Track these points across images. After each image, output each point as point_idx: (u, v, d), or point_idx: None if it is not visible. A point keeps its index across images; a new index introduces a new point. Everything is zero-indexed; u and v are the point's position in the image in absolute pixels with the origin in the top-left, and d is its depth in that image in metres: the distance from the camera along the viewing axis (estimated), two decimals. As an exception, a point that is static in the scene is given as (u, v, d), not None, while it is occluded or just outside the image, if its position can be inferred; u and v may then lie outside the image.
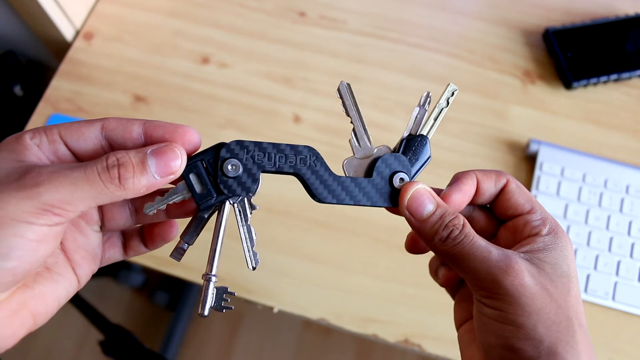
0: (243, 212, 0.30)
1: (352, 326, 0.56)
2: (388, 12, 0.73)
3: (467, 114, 0.66)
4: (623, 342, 0.56)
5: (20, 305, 0.25)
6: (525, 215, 0.30)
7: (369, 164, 0.31)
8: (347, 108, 0.31)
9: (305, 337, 1.22)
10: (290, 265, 0.58)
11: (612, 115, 0.67)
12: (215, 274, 0.29)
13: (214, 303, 0.28)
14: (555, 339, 0.26)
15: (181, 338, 1.18)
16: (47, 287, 0.27)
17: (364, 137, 0.31)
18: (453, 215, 0.29)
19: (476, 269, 0.28)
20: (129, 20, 0.71)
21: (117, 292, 1.26)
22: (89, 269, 0.29)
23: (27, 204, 0.23)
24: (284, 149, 0.29)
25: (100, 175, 0.25)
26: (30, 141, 0.26)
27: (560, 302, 0.27)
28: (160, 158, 0.26)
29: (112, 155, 0.26)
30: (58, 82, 0.67)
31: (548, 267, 0.28)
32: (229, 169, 0.29)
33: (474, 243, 0.28)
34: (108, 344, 0.81)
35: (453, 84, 0.31)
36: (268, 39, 0.71)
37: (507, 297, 0.27)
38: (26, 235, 0.23)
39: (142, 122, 0.28)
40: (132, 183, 0.26)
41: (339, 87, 0.30)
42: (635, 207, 0.60)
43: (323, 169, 0.30)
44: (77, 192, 0.24)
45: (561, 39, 0.69)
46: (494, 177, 0.31)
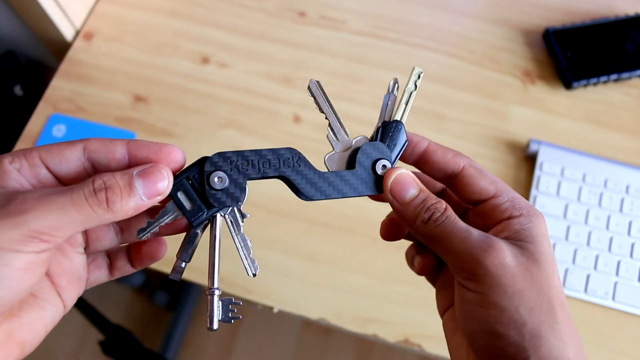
0: (235, 222, 0.30)
1: (352, 326, 0.56)
2: (388, 12, 0.73)
3: (467, 114, 0.66)
4: (623, 341, 0.56)
5: (7, 336, 0.25)
6: (491, 200, 0.30)
7: (349, 155, 0.31)
8: (320, 104, 0.31)
9: (305, 337, 1.22)
10: (290, 265, 0.58)
11: (612, 115, 0.67)
12: (217, 287, 0.29)
13: (222, 316, 0.28)
14: (538, 321, 0.26)
15: (181, 338, 1.18)
16: (34, 314, 0.26)
17: (341, 131, 0.31)
18: (435, 199, 0.29)
19: (457, 249, 0.28)
20: (129, 20, 0.71)
21: (117, 292, 1.26)
22: (74, 292, 0.29)
23: (14, 232, 0.23)
24: (266, 154, 0.29)
25: (88, 199, 0.24)
26: (9, 166, 0.26)
27: (541, 283, 0.27)
28: (147, 179, 0.26)
29: (99, 178, 0.25)
30: (58, 82, 0.67)
31: (531, 246, 0.28)
32: (215, 182, 0.29)
33: (455, 224, 0.28)
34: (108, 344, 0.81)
35: (418, 67, 0.33)
36: (268, 39, 0.71)
37: (487, 277, 0.27)
38: (13, 264, 0.23)
39: (125, 142, 0.28)
40: (120, 206, 0.25)
41: (309, 85, 0.31)
42: (635, 207, 0.60)
43: (307, 168, 0.30)
44: (65, 218, 0.24)
45: (561, 39, 0.69)
46: (450, 154, 0.31)
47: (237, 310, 0.29)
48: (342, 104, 0.66)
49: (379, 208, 0.60)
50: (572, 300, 0.57)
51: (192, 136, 0.64)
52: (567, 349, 0.26)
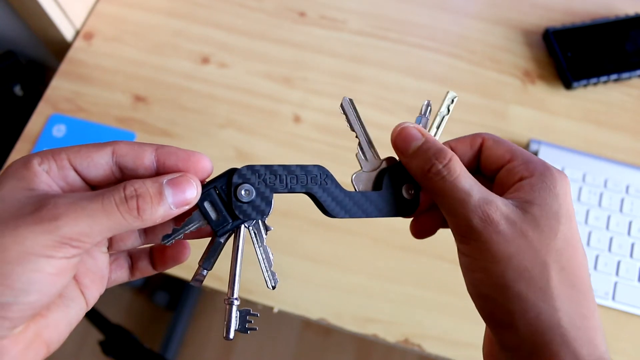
0: (258, 234, 0.30)
1: (352, 326, 0.56)
2: (388, 12, 0.73)
3: (467, 114, 0.66)
4: (623, 342, 0.56)
5: (35, 336, 0.25)
6: (507, 165, 0.30)
7: (377, 176, 0.31)
8: (352, 123, 0.31)
9: (305, 337, 1.22)
10: (290, 265, 0.58)
11: (612, 115, 0.67)
12: (237, 297, 0.29)
13: (239, 326, 0.29)
14: (526, 285, 0.26)
15: (181, 338, 1.18)
16: (60, 314, 0.27)
17: (369, 151, 0.32)
18: (439, 149, 0.29)
19: (455, 210, 0.27)
20: (129, 20, 0.71)
21: (117, 292, 1.26)
22: (97, 291, 0.29)
23: (46, 237, 0.23)
24: (295, 170, 0.30)
25: (119, 206, 0.25)
26: (38, 167, 0.26)
27: (539, 247, 0.26)
28: (176, 189, 0.26)
29: (130, 185, 0.25)
30: (58, 82, 0.67)
31: (536, 209, 0.27)
32: (242, 195, 0.29)
33: (457, 182, 0.27)
34: (108, 344, 0.81)
35: (452, 92, 0.32)
36: (268, 39, 0.70)
37: (479, 243, 0.27)
38: (45, 270, 0.23)
39: (154, 148, 0.28)
40: (150, 214, 0.25)
41: (342, 103, 0.31)
42: (635, 207, 0.60)
43: (334, 186, 0.30)
44: (95, 225, 0.24)
45: (561, 39, 0.69)
46: (469, 140, 0.31)
47: (253, 322, 0.29)
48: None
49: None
50: (572, 300, 0.57)
51: (192, 136, 0.64)
52: (558, 314, 0.26)
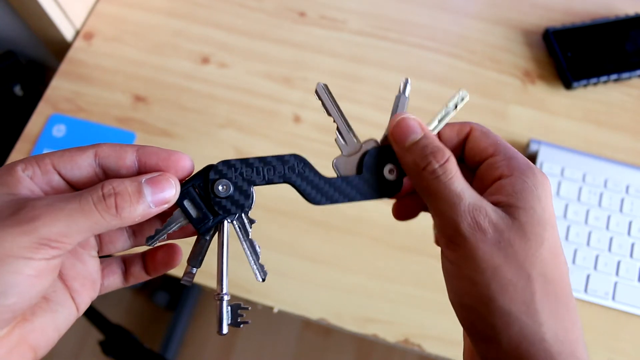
0: (242, 228, 0.30)
1: (352, 326, 0.56)
2: (388, 12, 0.73)
3: (467, 114, 0.66)
4: (623, 342, 0.56)
5: (20, 340, 0.25)
6: (489, 160, 0.29)
7: (359, 159, 0.31)
8: (328, 108, 0.31)
9: (305, 337, 1.22)
10: (290, 265, 0.58)
11: (612, 115, 0.67)
12: (226, 292, 0.29)
13: (231, 320, 0.29)
14: (510, 298, 0.25)
15: (181, 338, 1.18)
16: (47, 318, 0.26)
17: (349, 134, 0.31)
18: (437, 148, 0.28)
19: (444, 212, 0.27)
20: (129, 20, 0.71)
21: (117, 292, 1.26)
22: (87, 296, 0.29)
23: (24, 239, 0.23)
24: (271, 160, 0.30)
25: (96, 205, 0.25)
26: (22, 173, 0.26)
27: (523, 259, 0.26)
28: (155, 187, 0.26)
29: (108, 184, 0.25)
30: (58, 82, 0.67)
31: (522, 213, 0.26)
32: (220, 190, 0.29)
33: (450, 183, 0.27)
34: (108, 344, 0.81)
35: (465, 91, 0.31)
36: (268, 39, 0.71)
37: (465, 250, 0.26)
38: (24, 271, 0.23)
39: (135, 148, 0.28)
40: (128, 212, 0.25)
41: (316, 89, 0.31)
42: (635, 207, 0.60)
43: (312, 174, 0.30)
44: (73, 224, 0.24)
45: (561, 39, 0.69)
46: (457, 127, 0.31)
47: (245, 315, 0.29)
48: (342, 104, 0.65)
49: (379, 208, 0.60)
50: (572, 300, 0.57)
51: (192, 136, 0.64)
52: (542, 329, 0.25)
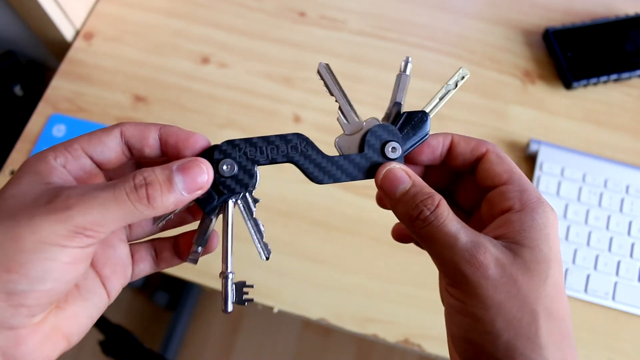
0: (247, 208, 0.30)
1: (352, 326, 0.56)
2: (388, 12, 0.73)
3: (467, 114, 0.66)
4: (623, 342, 0.56)
5: (54, 328, 0.25)
6: (501, 187, 0.29)
7: (360, 138, 0.31)
8: (330, 87, 0.31)
9: (305, 337, 1.22)
10: (290, 265, 0.58)
11: (612, 115, 0.67)
12: (231, 270, 0.29)
13: (235, 298, 0.29)
14: (515, 334, 0.25)
15: (181, 338, 1.18)
16: (79, 306, 0.27)
17: (351, 113, 0.31)
18: (427, 195, 0.28)
19: (442, 255, 0.27)
20: (129, 20, 0.71)
21: (117, 292, 1.26)
22: (118, 283, 0.29)
23: (60, 227, 0.23)
24: (274, 140, 0.30)
25: (129, 195, 0.25)
26: (54, 162, 0.26)
27: (528, 294, 0.26)
28: (186, 174, 0.26)
29: (139, 174, 0.25)
30: (58, 82, 0.67)
31: (527, 252, 0.26)
32: (224, 169, 0.29)
33: (443, 227, 0.27)
34: (108, 344, 0.81)
35: (465, 69, 0.31)
36: (268, 39, 0.71)
37: (468, 287, 0.26)
38: (60, 259, 0.23)
39: (157, 127, 0.28)
40: (160, 202, 0.25)
41: (318, 69, 0.31)
42: (635, 207, 0.60)
43: (315, 153, 0.30)
44: (108, 214, 0.24)
45: (561, 39, 0.69)
46: (473, 143, 0.31)
47: (250, 293, 0.29)
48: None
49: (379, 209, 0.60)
50: (572, 300, 0.57)
51: (192, 136, 0.64)
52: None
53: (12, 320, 0.23)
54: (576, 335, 0.56)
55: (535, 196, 0.28)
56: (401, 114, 0.31)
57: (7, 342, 0.24)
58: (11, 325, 0.23)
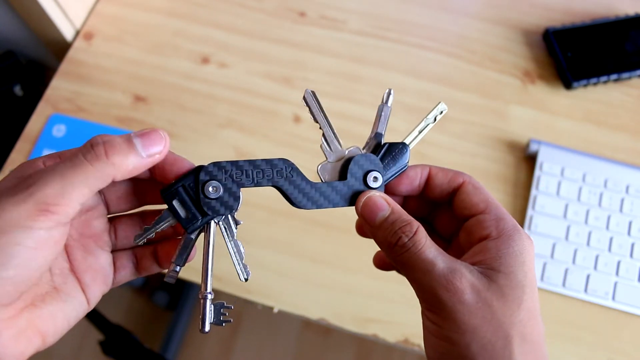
0: (228, 229, 0.30)
1: (352, 326, 0.56)
2: (388, 12, 0.73)
3: (467, 114, 0.66)
4: (623, 342, 0.56)
5: (29, 324, 0.25)
6: (478, 216, 0.30)
7: (342, 166, 0.32)
8: (315, 114, 0.32)
9: (305, 337, 1.22)
10: (290, 265, 0.58)
11: (612, 115, 0.67)
12: (210, 291, 0.30)
13: (213, 319, 0.29)
14: (489, 358, 0.26)
15: (181, 338, 1.18)
16: (56, 307, 0.27)
17: (334, 141, 0.32)
18: (405, 222, 0.28)
19: (420, 280, 0.28)
20: (129, 20, 0.71)
21: (117, 292, 1.26)
22: (98, 290, 0.29)
23: (23, 207, 0.23)
24: (260, 164, 0.30)
25: (86, 156, 0.25)
26: (42, 164, 0.27)
27: (502, 319, 0.26)
28: (145, 138, 0.27)
29: (96, 136, 0.26)
30: (58, 82, 0.67)
31: (502, 277, 0.27)
32: (210, 191, 0.29)
33: (421, 253, 0.27)
34: (108, 344, 0.81)
35: (444, 104, 0.32)
36: (268, 39, 0.70)
37: (444, 312, 0.27)
38: (24, 243, 0.23)
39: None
40: (119, 159, 0.26)
41: (304, 95, 0.32)
42: (635, 207, 0.60)
43: (299, 179, 0.31)
44: (67, 182, 0.24)
45: (561, 39, 0.69)
46: (451, 175, 0.31)
47: (228, 314, 0.29)
48: (342, 104, 0.66)
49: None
50: (572, 300, 0.57)
51: (192, 136, 0.64)
52: None
53: None
54: (576, 335, 0.56)
55: (511, 224, 0.29)
56: (382, 144, 0.32)
57: None
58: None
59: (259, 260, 0.57)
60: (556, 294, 0.57)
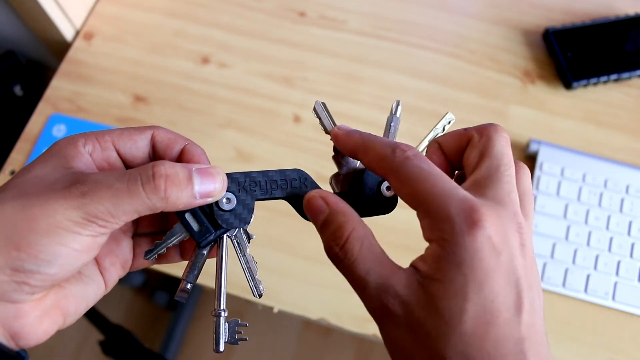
0: (241, 243, 0.30)
1: (352, 326, 0.56)
2: (388, 12, 0.73)
3: (467, 114, 0.66)
4: (623, 342, 0.56)
5: (53, 305, 0.26)
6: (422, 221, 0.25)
7: (354, 176, 0.31)
8: (326, 126, 0.31)
9: (305, 337, 1.22)
10: (290, 265, 0.58)
11: (612, 115, 0.67)
12: (224, 308, 0.29)
13: (228, 338, 0.29)
14: None
15: (181, 338, 1.18)
16: (77, 288, 0.27)
17: None
18: (338, 227, 0.26)
19: (359, 295, 0.25)
20: (129, 20, 0.71)
21: (117, 292, 1.26)
22: (116, 274, 0.29)
23: (74, 213, 0.24)
24: (272, 175, 0.30)
25: (144, 185, 0.25)
26: (82, 148, 0.27)
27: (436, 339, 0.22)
28: (204, 178, 0.26)
29: (160, 164, 0.25)
30: (58, 82, 0.67)
31: (436, 287, 0.23)
32: (224, 203, 0.29)
33: (353, 267, 0.25)
34: (108, 344, 0.81)
35: (451, 114, 0.32)
36: (268, 39, 0.70)
37: (382, 333, 0.25)
38: (71, 245, 0.24)
39: (185, 142, 0.29)
40: (175, 197, 0.25)
41: (314, 107, 0.31)
42: (635, 207, 0.60)
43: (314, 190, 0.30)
44: (119, 205, 0.24)
45: (561, 39, 0.69)
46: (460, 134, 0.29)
47: (243, 332, 0.29)
48: (342, 104, 0.66)
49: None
50: (572, 300, 0.57)
51: (192, 136, 0.64)
52: None
53: (14, 295, 0.24)
54: (576, 335, 0.57)
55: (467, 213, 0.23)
56: None
57: (7, 314, 0.24)
58: (12, 299, 0.24)
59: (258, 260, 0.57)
60: (556, 294, 0.57)
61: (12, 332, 0.25)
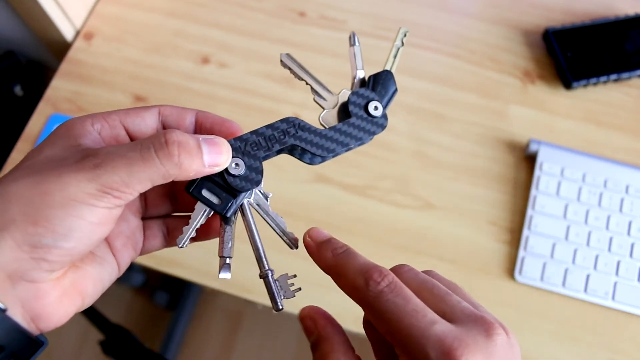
0: (262, 205, 0.31)
1: (352, 326, 0.56)
2: (388, 12, 0.73)
3: (467, 114, 0.66)
4: (623, 342, 0.56)
5: (72, 285, 0.26)
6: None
7: (339, 109, 0.32)
8: (297, 73, 0.32)
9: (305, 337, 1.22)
10: (290, 265, 0.58)
11: (612, 115, 0.67)
12: (269, 268, 0.30)
13: (283, 294, 0.29)
14: None
15: (181, 338, 1.18)
16: (93, 269, 0.27)
17: (324, 90, 0.33)
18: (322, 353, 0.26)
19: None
20: (129, 20, 0.71)
21: (117, 292, 1.26)
22: (128, 256, 0.29)
23: (88, 185, 0.23)
24: (265, 131, 0.30)
25: (158, 152, 0.25)
26: (91, 127, 0.27)
27: None
28: (212, 147, 0.27)
29: (170, 132, 0.25)
30: (58, 82, 0.67)
31: None
32: (233, 168, 0.29)
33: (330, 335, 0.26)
34: (108, 344, 0.81)
35: (404, 27, 0.34)
36: (268, 39, 0.71)
37: None
38: (87, 217, 0.24)
39: (195, 111, 0.29)
40: (188, 164, 0.25)
41: (281, 59, 0.32)
42: (635, 207, 0.60)
43: (308, 132, 0.31)
44: (134, 174, 0.24)
45: (561, 39, 0.69)
46: None
47: (295, 283, 0.29)
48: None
49: (379, 209, 0.60)
50: (572, 300, 0.57)
51: (192, 136, 0.64)
52: None
53: (33, 273, 0.24)
54: (576, 335, 0.56)
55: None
56: (367, 78, 0.33)
57: (27, 294, 0.24)
58: (32, 278, 0.24)
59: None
60: (556, 294, 0.57)
61: (34, 314, 0.24)
